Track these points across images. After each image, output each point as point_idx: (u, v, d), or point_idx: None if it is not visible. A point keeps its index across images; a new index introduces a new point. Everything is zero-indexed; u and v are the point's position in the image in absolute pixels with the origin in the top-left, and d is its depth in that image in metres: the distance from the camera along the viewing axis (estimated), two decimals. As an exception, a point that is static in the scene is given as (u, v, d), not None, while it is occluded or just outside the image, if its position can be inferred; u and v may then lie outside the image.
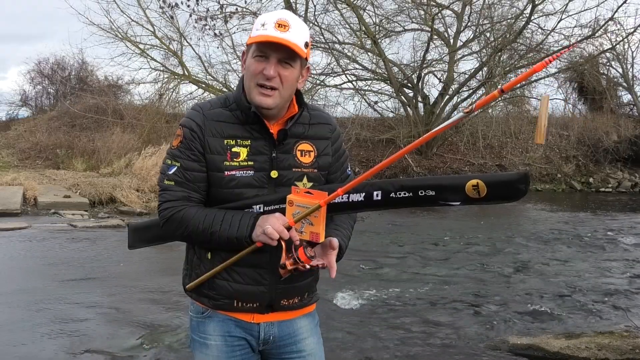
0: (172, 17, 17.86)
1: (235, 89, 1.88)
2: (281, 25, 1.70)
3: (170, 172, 1.79)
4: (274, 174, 1.80)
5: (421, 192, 1.75)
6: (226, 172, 1.77)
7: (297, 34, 1.73)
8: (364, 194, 1.80)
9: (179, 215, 1.77)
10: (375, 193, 1.79)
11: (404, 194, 1.76)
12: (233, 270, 1.81)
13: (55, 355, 4.08)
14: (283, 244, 1.70)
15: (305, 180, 1.84)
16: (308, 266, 1.71)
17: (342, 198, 1.76)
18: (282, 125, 1.83)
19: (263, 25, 1.72)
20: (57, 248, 7.75)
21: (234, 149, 1.78)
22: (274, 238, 1.67)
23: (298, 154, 1.84)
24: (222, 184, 1.78)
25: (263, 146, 1.80)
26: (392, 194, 1.78)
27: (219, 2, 17.49)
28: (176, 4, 17.33)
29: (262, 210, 1.78)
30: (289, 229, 1.69)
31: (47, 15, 40.89)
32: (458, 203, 1.73)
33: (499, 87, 1.48)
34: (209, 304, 1.87)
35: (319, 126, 1.90)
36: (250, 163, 1.79)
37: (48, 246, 7.84)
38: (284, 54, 1.72)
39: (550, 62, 1.46)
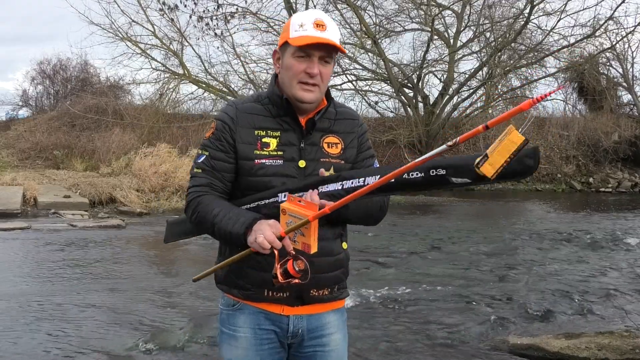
0: (172, 20, 17.87)
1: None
2: (319, 25, 1.79)
3: (199, 161, 1.89)
4: (301, 163, 1.87)
5: (432, 172, 1.75)
6: (256, 161, 1.85)
7: (334, 32, 1.83)
8: (378, 177, 1.79)
9: (196, 201, 1.84)
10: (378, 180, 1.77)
11: (416, 174, 1.76)
12: (264, 260, 1.82)
13: (55, 356, 4.08)
14: (276, 252, 1.69)
15: (332, 170, 1.89)
16: (297, 280, 1.69)
17: (358, 182, 1.77)
18: (312, 117, 1.91)
19: (301, 26, 1.80)
20: (57, 248, 7.74)
21: (264, 139, 1.86)
22: (266, 248, 1.67)
23: (325, 145, 1.91)
24: (252, 172, 1.85)
25: (293, 137, 1.88)
26: (405, 175, 1.77)
27: (217, 2, 17.50)
28: (176, 6, 17.34)
29: (285, 197, 1.81)
30: (281, 238, 1.68)
31: (59, 17, 41.18)
32: (469, 181, 1.71)
33: (485, 123, 1.49)
34: (239, 295, 1.90)
35: (344, 121, 1.97)
36: (279, 153, 1.86)
37: (48, 246, 7.84)
38: (325, 52, 1.82)
39: (539, 101, 1.43)
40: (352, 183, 1.79)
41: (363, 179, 1.78)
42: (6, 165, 15.03)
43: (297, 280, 1.69)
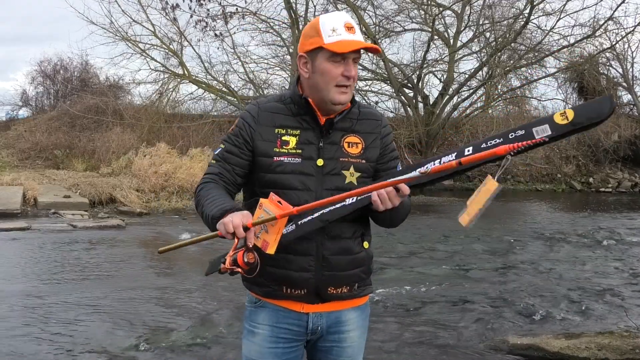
0: (175, 19, 17.84)
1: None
2: (350, 28, 1.85)
3: (216, 152, 1.98)
4: (320, 162, 1.90)
5: (511, 135, 1.74)
6: (275, 158, 1.89)
7: (360, 33, 1.88)
8: (455, 153, 1.78)
9: (202, 186, 1.93)
10: (466, 150, 1.78)
11: (495, 141, 1.75)
12: (281, 257, 1.86)
13: (55, 356, 4.08)
14: (235, 240, 1.73)
15: (352, 169, 1.92)
16: (240, 270, 1.73)
17: (435, 164, 1.75)
18: (332, 118, 1.94)
19: (334, 30, 1.83)
20: (57, 248, 7.74)
21: (284, 138, 1.90)
22: (228, 231, 1.71)
23: (345, 145, 1.94)
24: (270, 168, 1.89)
25: (312, 136, 1.91)
26: (483, 144, 1.77)
27: (220, 4, 17.49)
28: (177, 5, 17.32)
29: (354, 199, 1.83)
30: (246, 229, 1.72)
31: (59, 17, 41.15)
32: (549, 132, 1.69)
33: (459, 159, 1.61)
34: (260, 292, 1.95)
35: (367, 122, 1.99)
36: (298, 151, 1.89)
37: (48, 247, 7.84)
38: (357, 53, 1.87)
39: (514, 149, 1.50)
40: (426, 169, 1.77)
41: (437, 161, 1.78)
42: (6, 165, 15.02)
43: (240, 270, 1.72)
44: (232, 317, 4.93)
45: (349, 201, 1.83)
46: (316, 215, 1.82)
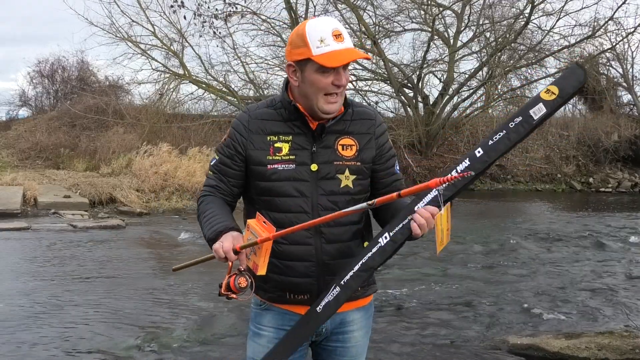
0: (184, 17, 17.82)
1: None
2: (338, 36, 1.79)
3: (212, 164, 1.99)
4: (314, 167, 1.87)
5: (511, 124, 1.79)
6: (269, 166, 1.87)
7: (349, 38, 1.83)
8: (467, 159, 1.79)
9: (201, 200, 1.96)
10: (477, 151, 1.79)
11: (499, 135, 1.79)
12: (282, 264, 1.88)
13: (55, 356, 4.08)
14: (229, 264, 1.74)
15: (347, 172, 1.90)
16: (234, 296, 1.73)
17: (457, 173, 1.76)
18: (324, 122, 1.91)
19: (322, 41, 1.77)
20: (57, 248, 7.75)
21: (276, 145, 1.88)
22: (220, 257, 1.73)
23: (339, 148, 1.90)
24: (265, 176, 1.88)
25: (304, 141, 1.88)
26: (490, 141, 1.79)
27: (225, 2, 17.46)
28: (182, 3, 17.28)
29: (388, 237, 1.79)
30: (237, 252, 1.72)
31: (60, 18, 41.20)
32: (544, 111, 1.78)
33: (398, 192, 1.65)
34: (264, 297, 1.96)
35: (360, 122, 1.95)
36: (291, 157, 1.87)
37: (48, 247, 7.85)
38: (347, 61, 1.82)
39: (447, 181, 1.54)
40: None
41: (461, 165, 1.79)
42: (6, 165, 15.02)
43: (234, 296, 1.73)
44: (234, 317, 4.94)
45: (384, 241, 1.78)
46: (357, 268, 1.78)
